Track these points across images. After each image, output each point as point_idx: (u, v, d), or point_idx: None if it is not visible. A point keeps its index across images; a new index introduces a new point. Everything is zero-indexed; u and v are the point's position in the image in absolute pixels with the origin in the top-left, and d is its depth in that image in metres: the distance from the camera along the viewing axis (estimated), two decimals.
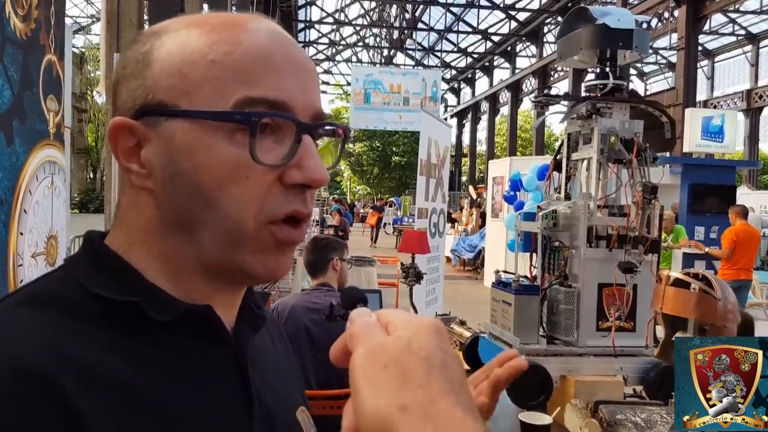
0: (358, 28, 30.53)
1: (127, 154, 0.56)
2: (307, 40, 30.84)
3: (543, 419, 1.80)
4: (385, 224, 22.23)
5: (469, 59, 32.23)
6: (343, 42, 31.15)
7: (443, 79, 30.61)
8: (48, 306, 0.51)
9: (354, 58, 31.71)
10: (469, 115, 33.91)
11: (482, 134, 33.11)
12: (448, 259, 14.33)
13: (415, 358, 0.41)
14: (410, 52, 31.80)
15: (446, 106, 35.23)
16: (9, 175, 1.48)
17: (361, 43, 31.61)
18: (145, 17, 6.74)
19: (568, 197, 2.47)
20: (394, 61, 31.74)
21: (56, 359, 0.46)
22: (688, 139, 13.59)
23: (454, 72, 35.18)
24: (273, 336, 0.74)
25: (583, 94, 2.41)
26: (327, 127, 0.59)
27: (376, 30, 31.36)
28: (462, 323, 3.42)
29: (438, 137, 5.26)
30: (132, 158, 0.56)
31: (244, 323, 0.62)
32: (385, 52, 31.89)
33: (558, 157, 2.58)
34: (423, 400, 0.39)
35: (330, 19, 29.11)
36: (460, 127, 35.84)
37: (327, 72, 35.99)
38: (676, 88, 15.25)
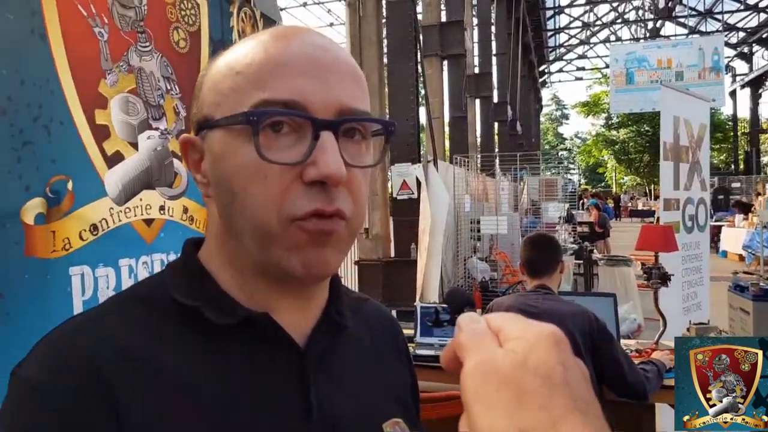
0: (615, 4, 28.07)
1: (194, 167, 0.62)
2: (556, 27, 29.52)
3: None
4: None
5: (763, 15, 26.99)
6: (598, 22, 29.00)
7: (727, 44, 26.20)
8: (139, 303, 0.59)
9: (612, 38, 29.20)
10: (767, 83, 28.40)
11: None
12: (741, 258, 12.14)
13: (533, 377, 0.37)
14: (681, 20, 28.02)
15: (734, 76, 30.22)
16: None
17: (620, 20, 28.99)
18: (384, 34, 7.22)
19: None
20: (661, 33, 28.32)
21: (116, 353, 0.53)
22: None
23: (742, 34, 29.84)
24: (379, 342, 0.73)
25: None
26: (359, 123, 0.58)
27: (637, 2, 28.40)
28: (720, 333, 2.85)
29: (689, 115, 4.48)
30: (198, 170, 0.61)
31: (319, 329, 0.63)
32: (650, 25, 28.64)
33: None
34: (545, 423, 0.35)
35: (582, 0, 27.36)
36: (756, 98, 30.25)
37: (582, 57, 33.91)
38: None
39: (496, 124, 15.50)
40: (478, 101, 14.00)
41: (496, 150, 14.93)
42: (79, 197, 1.60)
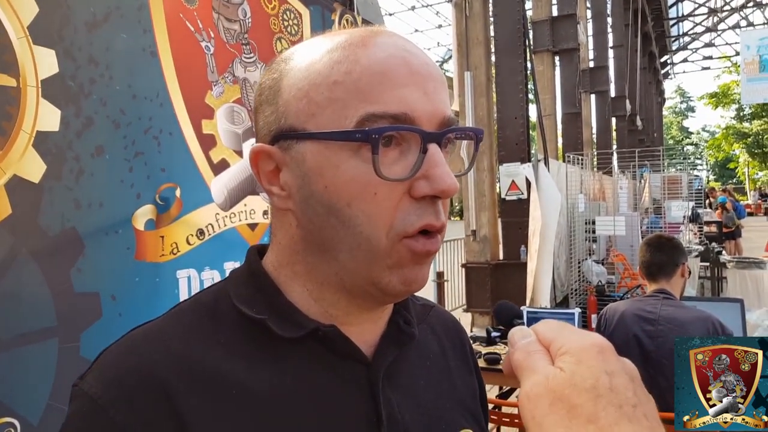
0: None
1: (268, 178, 0.59)
2: (679, 14, 27.32)
3: None
4: None
5: None
6: (726, 7, 26.47)
7: None
8: (203, 313, 0.58)
9: (743, 23, 26.49)
10: None
11: None
12: None
13: (579, 392, 0.40)
14: None
15: None
16: None
17: (751, 3, 26.27)
18: (491, 32, 7.06)
19: None
20: None
21: (180, 366, 0.52)
22: None
23: None
24: (446, 351, 0.72)
25: None
26: (455, 133, 0.57)
27: None
28: None
29: None
30: (273, 181, 0.58)
31: (387, 340, 0.62)
32: None
33: None
34: None
35: None
36: None
37: (709, 45, 31.13)
38: None
39: (613, 120, 14.64)
40: (593, 96, 13.31)
41: (614, 146, 14.11)
42: (187, 203, 1.68)
